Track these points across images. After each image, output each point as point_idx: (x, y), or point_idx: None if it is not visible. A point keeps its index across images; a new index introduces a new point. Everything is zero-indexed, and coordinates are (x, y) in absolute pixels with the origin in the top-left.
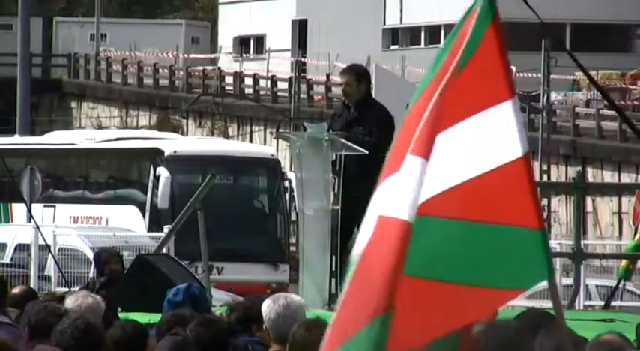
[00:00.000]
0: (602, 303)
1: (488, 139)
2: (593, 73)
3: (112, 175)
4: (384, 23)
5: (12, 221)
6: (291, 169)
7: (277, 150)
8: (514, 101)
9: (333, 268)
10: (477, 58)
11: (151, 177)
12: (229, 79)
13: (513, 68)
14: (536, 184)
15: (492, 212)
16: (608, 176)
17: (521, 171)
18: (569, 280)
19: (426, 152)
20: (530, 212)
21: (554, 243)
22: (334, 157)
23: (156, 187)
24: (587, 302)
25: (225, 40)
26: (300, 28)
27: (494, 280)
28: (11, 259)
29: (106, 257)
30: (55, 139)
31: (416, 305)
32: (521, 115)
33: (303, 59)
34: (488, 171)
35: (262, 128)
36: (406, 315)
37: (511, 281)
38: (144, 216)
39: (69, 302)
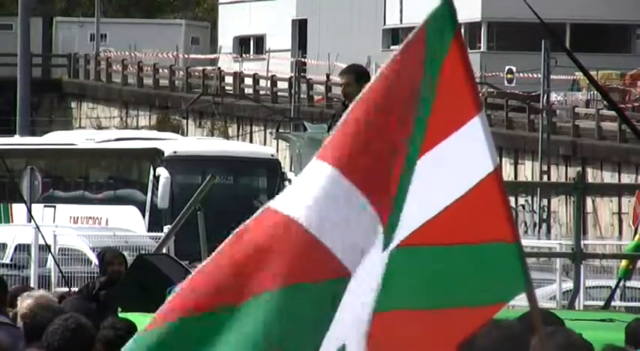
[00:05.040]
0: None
1: (462, 160)
2: (593, 73)
3: (111, 175)
4: (384, 23)
5: (12, 221)
6: (291, 169)
7: (277, 150)
8: (481, 115)
9: None
10: (443, 76)
11: (151, 177)
12: (229, 79)
13: (513, 68)
14: (507, 195)
15: (471, 232)
16: (608, 176)
17: (494, 186)
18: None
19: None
20: (504, 225)
21: (554, 243)
22: None
23: (156, 187)
24: (588, 302)
25: (225, 40)
26: (300, 28)
27: (475, 299)
28: (11, 260)
29: (109, 258)
30: (55, 139)
31: (398, 338)
32: (488, 128)
33: (303, 59)
34: (464, 193)
35: (262, 128)
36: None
37: (491, 297)
38: (144, 216)
39: (21, 304)
